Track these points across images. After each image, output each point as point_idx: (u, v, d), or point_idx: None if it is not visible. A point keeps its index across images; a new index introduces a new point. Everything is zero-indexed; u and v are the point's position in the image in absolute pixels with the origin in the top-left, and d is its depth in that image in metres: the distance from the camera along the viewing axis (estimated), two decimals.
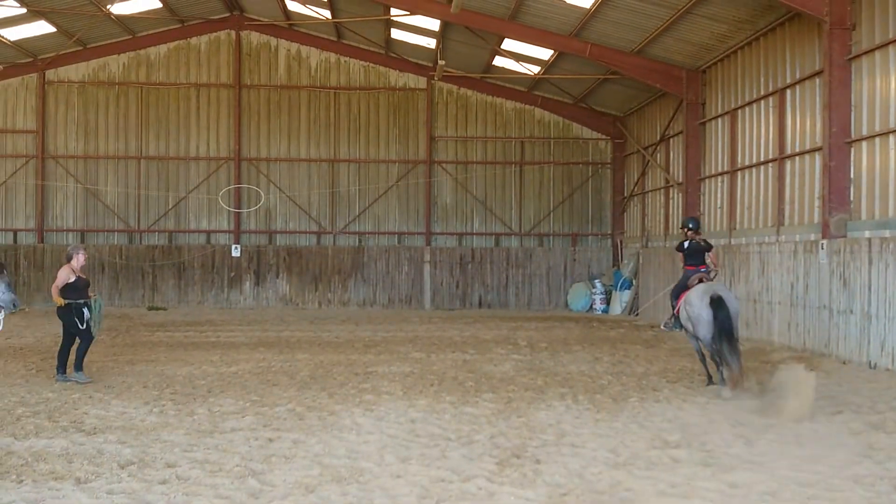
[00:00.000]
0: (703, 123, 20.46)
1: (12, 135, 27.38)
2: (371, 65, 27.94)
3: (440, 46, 24.23)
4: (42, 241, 27.26)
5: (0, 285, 10.58)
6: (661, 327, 13.77)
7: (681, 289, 11.84)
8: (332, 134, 27.91)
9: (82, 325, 11.90)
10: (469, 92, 28.06)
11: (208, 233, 27.70)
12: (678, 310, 11.69)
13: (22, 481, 6.67)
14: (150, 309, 25.92)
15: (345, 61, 27.95)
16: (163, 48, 27.57)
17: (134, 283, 27.12)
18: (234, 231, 27.56)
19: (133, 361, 13.92)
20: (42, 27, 24.71)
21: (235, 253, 27.25)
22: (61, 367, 11.84)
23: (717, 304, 10.74)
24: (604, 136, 28.09)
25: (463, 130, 28.16)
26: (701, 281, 11.59)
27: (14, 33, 24.79)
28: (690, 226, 12.35)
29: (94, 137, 27.52)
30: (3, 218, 27.36)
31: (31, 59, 26.90)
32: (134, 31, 26.97)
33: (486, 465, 7.38)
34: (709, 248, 12.32)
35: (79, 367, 11.82)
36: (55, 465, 7.16)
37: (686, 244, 12.24)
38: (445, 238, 28.14)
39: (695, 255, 12.15)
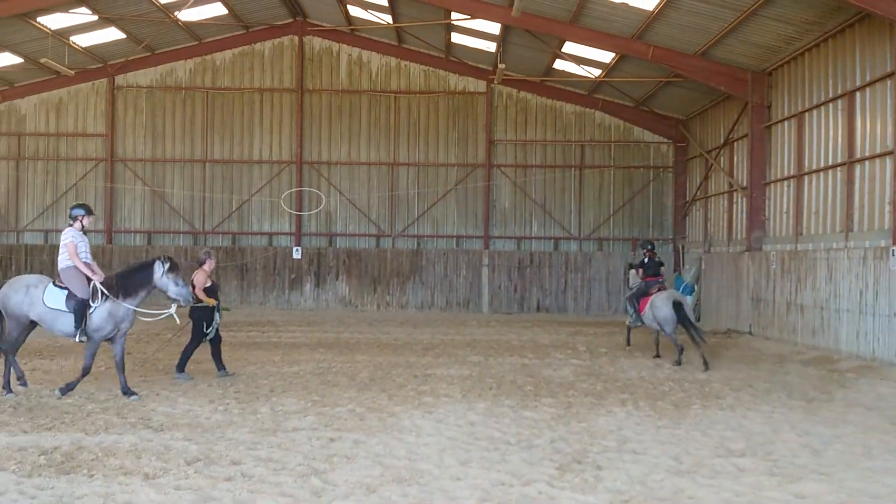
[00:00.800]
0: (769, 126, 20.04)
1: (83, 138, 28.22)
2: (431, 69, 28.08)
3: (500, 50, 24.20)
4: (110, 242, 28.02)
5: (175, 279, 10.99)
6: (627, 323, 16.81)
7: (642, 294, 15.81)
8: (391, 137, 28.12)
9: (208, 329, 12.37)
10: (529, 95, 27.99)
11: (270, 235, 28.14)
12: (643, 310, 15.54)
13: (93, 476, 6.85)
14: None
15: (405, 65, 28.13)
16: (228, 54, 28.12)
17: None
18: (296, 233, 27.94)
19: (197, 360, 14.19)
20: (112, 34, 25.43)
21: (296, 255, 27.63)
22: (181, 367, 12.27)
23: (677, 306, 14.74)
24: (666, 140, 27.73)
25: (522, 134, 28.10)
26: (660, 289, 15.55)
27: (85, 40, 25.56)
28: (649, 247, 16.40)
29: (161, 141, 28.20)
30: None
31: (101, 65, 27.69)
32: (200, 37, 27.57)
33: (546, 469, 7.35)
34: (661, 264, 16.56)
35: (181, 367, 12.25)
36: (124, 460, 7.34)
37: (646, 261, 16.23)
38: (504, 242, 28.10)
39: (652, 269, 16.15)
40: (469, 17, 21.85)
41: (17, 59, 25.58)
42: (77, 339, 10.41)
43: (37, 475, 6.81)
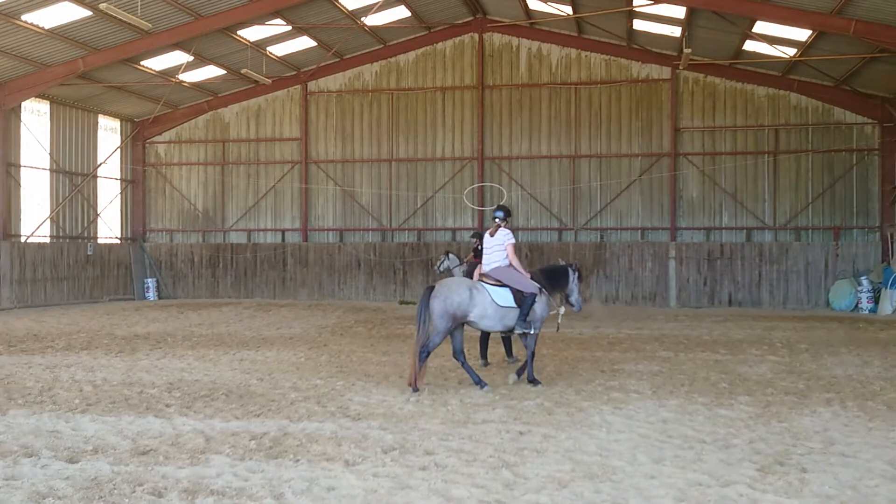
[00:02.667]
0: None
1: (280, 143, 29.97)
2: (612, 58, 27.57)
3: (685, 34, 23.39)
4: (306, 240, 29.60)
5: (578, 286, 11.73)
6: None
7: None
8: (573, 130, 27.87)
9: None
10: (716, 80, 26.87)
11: (454, 230, 28.68)
12: None
13: (298, 461, 7.24)
14: (402, 303, 27.29)
15: (585, 56, 27.79)
16: (411, 55, 28.91)
17: (386, 278, 28.69)
18: (478, 228, 28.29)
19: (388, 352, 14.71)
20: (304, 42, 26.84)
21: None
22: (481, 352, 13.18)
23: None
24: (870, 120, 25.76)
25: (710, 120, 27.01)
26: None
27: (280, 49, 27.13)
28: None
29: (350, 142, 29.44)
30: (273, 219, 30.04)
31: (295, 73, 29.29)
32: (385, 41, 28.52)
33: (746, 470, 7.02)
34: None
35: (482, 354, 13.08)
36: (326, 447, 7.71)
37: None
38: (692, 233, 27.15)
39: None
40: (652, 2, 21.25)
41: (221, 71, 27.54)
42: (519, 332, 11.09)
43: (248, 459, 7.29)
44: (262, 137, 30.11)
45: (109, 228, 29.78)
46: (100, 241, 29.15)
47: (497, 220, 11.43)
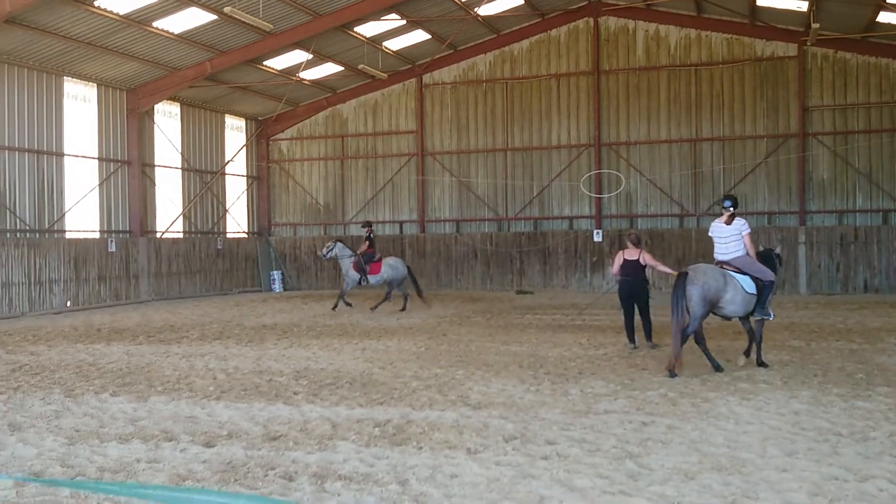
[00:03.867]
0: None
1: (396, 136, 30.42)
2: (734, 36, 26.61)
3: (813, 8, 22.31)
4: (423, 231, 29.95)
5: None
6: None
7: (369, 259, 21.22)
8: (693, 113, 27.08)
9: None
10: (847, 55, 25.52)
11: (570, 219, 28.40)
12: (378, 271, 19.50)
13: (421, 448, 7.36)
14: (519, 293, 27.26)
15: (706, 36, 26.92)
16: (525, 43, 28.76)
17: (503, 268, 28.71)
18: (596, 216, 27.94)
19: (507, 342, 14.73)
20: (419, 36, 27.12)
21: (597, 238, 27.63)
22: (629, 336, 13.85)
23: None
24: None
25: (841, 98, 25.69)
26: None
27: (396, 44, 27.51)
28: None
29: (466, 133, 29.57)
30: (391, 211, 30.56)
31: (410, 66, 29.64)
32: (498, 30, 28.47)
33: (886, 465, 6.66)
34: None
35: (649, 336, 13.83)
36: (448, 435, 7.80)
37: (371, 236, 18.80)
38: (823, 217, 25.95)
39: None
40: None
41: (338, 68, 28.18)
42: (757, 318, 11.53)
43: (373, 445, 7.46)
44: (380, 131, 30.64)
45: (237, 223, 31.01)
46: (228, 235, 30.41)
47: (727, 209, 11.66)
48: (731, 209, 11.61)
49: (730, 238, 11.55)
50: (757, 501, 5.85)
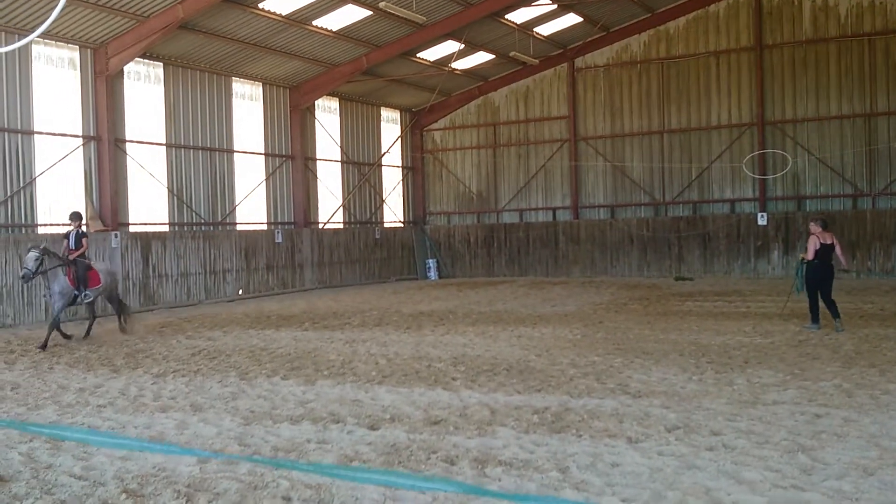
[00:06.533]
0: None
1: (548, 122, 30.20)
2: None
3: None
4: (577, 217, 29.63)
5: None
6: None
7: (87, 268, 14.76)
8: (866, 86, 25.34)
9: (801, 285, 14.18)
10: None
11: (732, 202, 27.29)
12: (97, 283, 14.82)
13: (581, 436, 7.31)
14: (677, 279, 26.48)
15: (880, 2, 25.10)
16: (681, 21, 27.81)
17: (660, 254, 27.97)
18: (759, 199, 26.71)
19: (666, 330, 14.37)
20: (570, 19, 26.78)
21: (761, 221, 26.40)
22: (814, 317, 13.89)
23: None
24: None
25: None
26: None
27: (547, 29, 27.29)
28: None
29: (619, 116, 28.97)
30: (544, 197, 30.41)
31: (561, 51, 29.33)
32: (653, 9, 27.67)
33: None
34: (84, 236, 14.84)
35: (815, 319, 13.80)
36: (607, 423, 7.71)
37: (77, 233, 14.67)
38: None
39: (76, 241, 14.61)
40: None
41: (490, 56, 28.27)
42: None
43: (532, 432, 7.47)
44: (531, 118, 30.51)
45: (393, 213, 31.81)
46: (385, 225, 31.24)
47: None
48: None
49: None
50: None
